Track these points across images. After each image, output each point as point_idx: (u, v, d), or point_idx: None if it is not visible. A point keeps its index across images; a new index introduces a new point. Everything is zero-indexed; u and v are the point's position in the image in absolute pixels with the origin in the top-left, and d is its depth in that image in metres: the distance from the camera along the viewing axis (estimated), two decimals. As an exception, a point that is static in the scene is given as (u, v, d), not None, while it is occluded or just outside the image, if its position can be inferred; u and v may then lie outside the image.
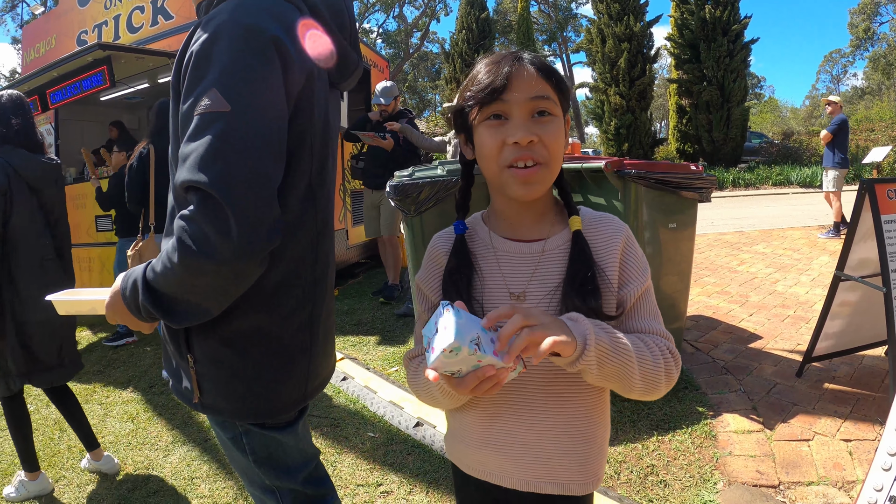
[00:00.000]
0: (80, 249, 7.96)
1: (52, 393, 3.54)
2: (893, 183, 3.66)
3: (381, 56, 10.49)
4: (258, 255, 1.27)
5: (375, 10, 53.80)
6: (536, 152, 1.23)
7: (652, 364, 1.20)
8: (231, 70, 1.26)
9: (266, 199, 1.26)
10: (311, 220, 1.53)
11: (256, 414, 1.55)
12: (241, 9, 1.33)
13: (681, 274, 4.20)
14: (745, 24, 24.91)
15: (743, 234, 10.87)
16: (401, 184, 4.32)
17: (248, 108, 1.25)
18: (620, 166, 3.52)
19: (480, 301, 1.32)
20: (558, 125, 1.26)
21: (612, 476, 3.11)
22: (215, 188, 1.20)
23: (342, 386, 4.55)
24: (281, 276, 1.48)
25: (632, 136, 26.43)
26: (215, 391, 1.51)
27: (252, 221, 1.23)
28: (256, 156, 1.25)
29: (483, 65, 1.29)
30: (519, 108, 1.23)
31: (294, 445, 1.70)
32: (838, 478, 2.97)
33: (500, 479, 1.39)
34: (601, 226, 1.34)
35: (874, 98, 51.53)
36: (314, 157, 1.49)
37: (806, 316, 5.59)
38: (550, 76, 1.26)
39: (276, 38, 1.32)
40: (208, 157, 1.21)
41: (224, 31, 1.29)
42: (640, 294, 1.30)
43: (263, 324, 1.48)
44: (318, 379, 1.68)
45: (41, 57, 9.24)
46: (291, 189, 1.44)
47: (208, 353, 1.48)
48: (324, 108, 1.52)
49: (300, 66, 1.39)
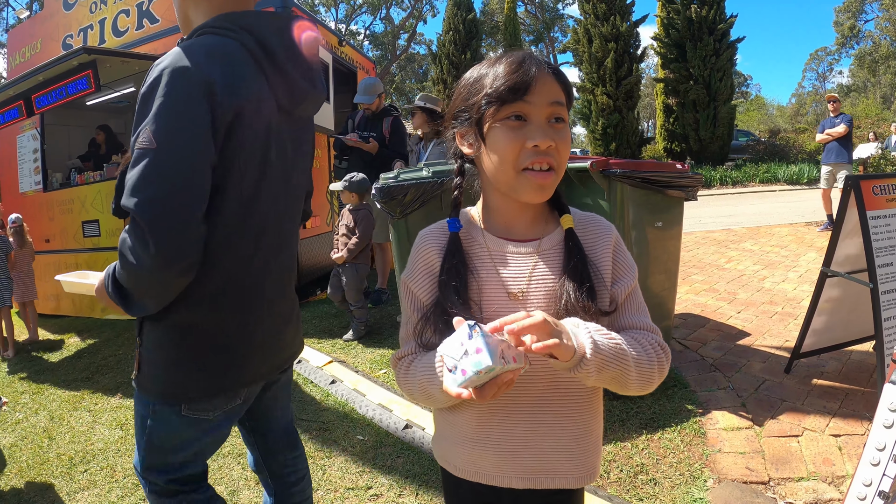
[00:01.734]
0: (67, 255, 7.94)
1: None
2: (879, 179, 3.68)
3: (368, 58, 10.49)
4: (174, 268, 1.52)
5: (362, 11, 53.96)
6: (553, 157, 1.25)
7: (647, 363, 1.23)
8: (161, 112, 1.50)
9: (182, 222, 1.51)
10: (246, 237, 1.74)
11: (172, 396, 1.77)
12: (182, 53, 1.57)
13: (668, 272, 4.21)
14: (731, 23, 25.04)
15: (731, 231, 10.90)
16: (386, 186, 4.32)
17: (170, 146, 1.50)
18: (606, 166, 3.52)
19: (478, 302, 1.31)
20: (569, 132, 1.29)
21: (602, 475, 3.11)
22: (138, 213, 1.47)
23: (331, 389, 4.54)
24: (216, 282, 1.70)
25: (619, 135, 26.49)
26: (148, 371, 1.77)
27: (168, 241, 1.48)
28: (176, 187, 1.49)
29: (505, 64, 1.27)
30: (540, 111, 1.24)
31: (195, 439, 1.88)
32: (828, 473, 2.98)
33: (495, 478, 1.39)
34: (591, 225, 1.37)
35: (860, 95, 51.71)
36: (244, 180, 1.68)
37: (794, 312, 5.61)
38: (565, 83, 1.28)
39: (206, 80, 1.54)
40: (136, 186, 1.48)
41: (164, 75, 1.53)
42: (630, 290, 1.34)
43: (196, 321, 1.72)
44: (246, 376, 1.86)
45: (27, 61, 9.18)
46: (221, 209, 1.65)
47: (153, 339, 1.76)
48: (262, 135, 1.71)
49: (229, 103, 1.58)
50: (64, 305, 8.42)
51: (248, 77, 1.65)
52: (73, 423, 4.55)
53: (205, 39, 1.64)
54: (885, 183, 3.67)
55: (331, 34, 8.66)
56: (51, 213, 8.33)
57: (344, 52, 8.94)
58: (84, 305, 8.07)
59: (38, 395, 5.41)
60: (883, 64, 50.75)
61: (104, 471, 3.70)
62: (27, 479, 3.73)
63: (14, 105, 7.09)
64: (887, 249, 3.56)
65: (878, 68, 51.53)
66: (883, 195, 3.62)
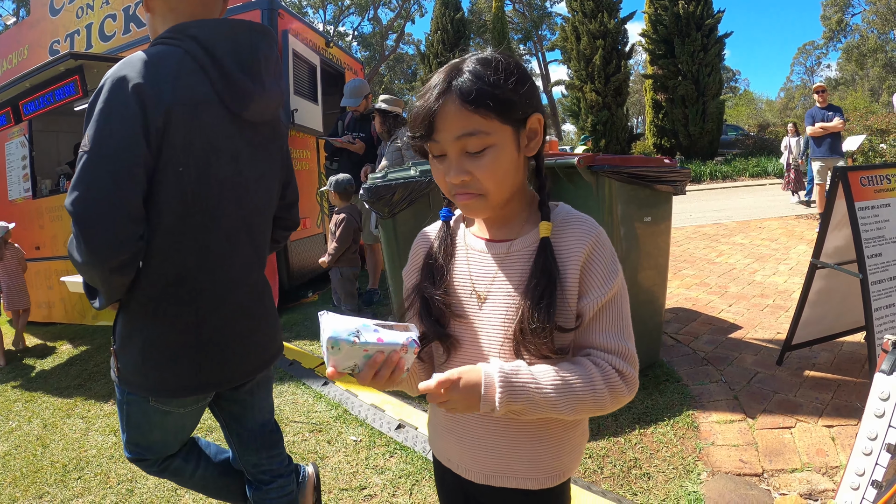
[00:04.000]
0: (58, 262, 7.90)
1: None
2: (866, 170, 3.70)
3: (356, 59, 10.47)
4: (105, 265, 1.62)
5: (350, 12, 53.82)
6: (472, 187, 1.23)
7: (587, 395, 1.20)
8: (96, 117, 1.62)
9: (112, 219, 1.59)
10: (194, 238, 1.82)
11: (142, 390, 1.90)
12: (123, 63, 1.70)
13: (658, 268, 4.21)
14: (719, 19, 25.15)
15: (721, 225, 10.93)
16: (374, 186, 4.32)
17: (101, 147, 1.60)
18: (593, 161, 3.52)
19: (446, 300, 1.33)
20: (496, 154, 1.21)
21: (596, 470, 3.12)
22: (71, 211, 1.58)
23: (323, 390, 4.53)
24: (164, 282, 1.81)
25: (609, 132, 26.57)
26: (120, 365, 1.89)
27: (96, 237, 1.58)
28: (106, 186, 1.59)
29: (418, 96, 1.26)
30: (450, 147, 1.22)
31: (167, 424, 2.03)
32: (822, 464, 2.99)
33: (460, 469, 1.41)
34: (569, 229, 1.29)
35: (848, 88, 51.98)
36: (184, 180, 1.76)
37: (785, 305, 5.63)
38: (482, 101, 1.17)
39: (138, 85, 1.64)
40: (73, 185, 1.59)
41: (105, 84, 1.66)
42: (600, 305, 1.25)
43: (149, 321, 1.83)
44: (217, 376, 1.96)
45: (13, 68, 9.13)
46: (161, 210, 1.75)
47: (120, 336, 1.88)
48: (202, 137, 1.79)
49: (159, 106, 1.67)
50: (55, 313, 8.38)
51: (185, 82, 1.74)
52: (67, 431, 4.53)
53: (149, 49, 1.77)
54: (872, 174, 3.68)
55: (318, 36, 8.63)
56: (41, 220, 8.28)
57: (332, 53, 8.92)
58: (75, 312, 8.04)
59: (30, 402, 5.38)
60: (871, 57, 51.04)
61: (98, 477, 3.69)
62: (21, 488, 3.71)
63: (2, 112, 7.07)
64: (876, 240, 3.58)
65: (866, 61, 51.80)
66: (871, 186, 3.63)
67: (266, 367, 2.15)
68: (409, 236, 2.35)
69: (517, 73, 1.22)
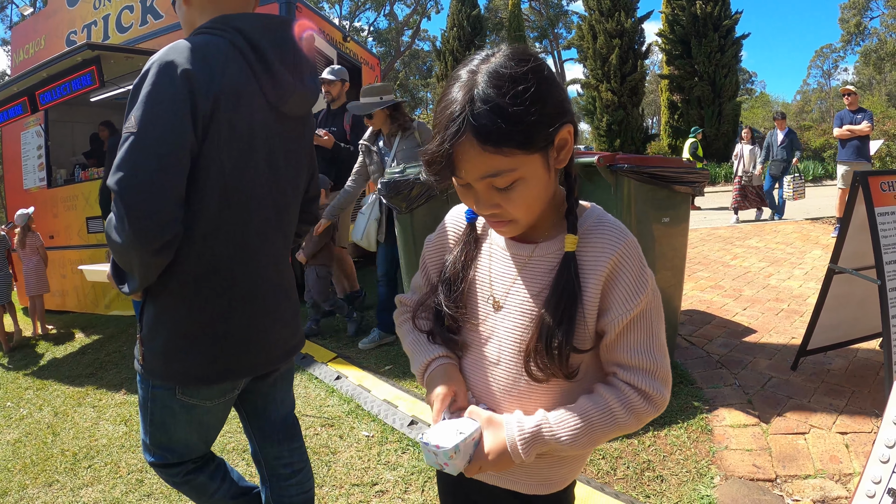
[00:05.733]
0: (72, 251, 7.95)
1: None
2: (886, 175, 3.66)
3: (372, 54, 10.47)
4: (149, 246, 1.61)
5: (366, 8, 53.88)
6: (503, 216, 1.18)
7: (609, 428, 1.20)
8: (144, 99, 1.62)
9: (157, 200, 1.60)
10: (231, 228, 1.83)
11: (168, 379, 1.88)
12: (170, 48, 1.70)
13: (674, 269, 4.19)
14: (737, 20, 25.03)
15: (736, 228, 10.89)
16: (392, 180, 4.30)
17: (149, 129, 1.60)
18: (612, 161, 3.50)
19: (464, 308, 1.33)
20: (525, 186, 1.13)
21: (609, 472, 3.10)
22: (116, 190, 1.58)
23: (336, 385, 4.53)
24: (199, 271, 1.80)
25: (623, 132, 26.54)
26: (147, 355, 1.87)
27: (141, 218, 1.57)
28: (152, 167, 1.59)
29: (433, 126, 1.17)
30: (476, 184, 1.14)
31: (193, 421, 2.00)
32: (835, 471, 2.97)
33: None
34: (594, 239, 1.21)
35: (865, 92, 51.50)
36: (226, 167, 1.77)
37: (799, 309, 5.59)
38: (503, 142, 1.06)
39: (187, 71, 1.65)
40: (117, 165, 1.59)
41: (151, 68, 1.66)
42: (626, 322, 1.18)
43: (180, 309, 1.82)
44: (238, 367, 1.94)
45: (30, 58, 9.18)
46: (203, 195, 1.75)
47: (149, 324, 1.86)
48: (245, 127, 1.81)
49: (208, 93, 1.68)
50: (69, 302, 8.43)
51: (231, 70, 1.75)
52: (78, 419, 4.55)
53: (194, 38, 1.77)
54: (893, 179, 3.64)
55: (335, 30, 8.64)
56: (55, 209, 8.34)
57: (348, 47, 8.92)
58: (88, 301, 8.08)
59: (42, 391, 5.41)
60: (889, 61, 50.60)
61: (108, 466, 3.70)
62: (31, 475, 3.73)
63: (18, 101, 7.08)
64: (895, 246, 3.54)
65: (884, 66, 51.36)
66: (891, 192, 3.59)
67: (288, 357, 2.15)
68: (425, 232, 2.33)
69: (535, 81, 1.09)
